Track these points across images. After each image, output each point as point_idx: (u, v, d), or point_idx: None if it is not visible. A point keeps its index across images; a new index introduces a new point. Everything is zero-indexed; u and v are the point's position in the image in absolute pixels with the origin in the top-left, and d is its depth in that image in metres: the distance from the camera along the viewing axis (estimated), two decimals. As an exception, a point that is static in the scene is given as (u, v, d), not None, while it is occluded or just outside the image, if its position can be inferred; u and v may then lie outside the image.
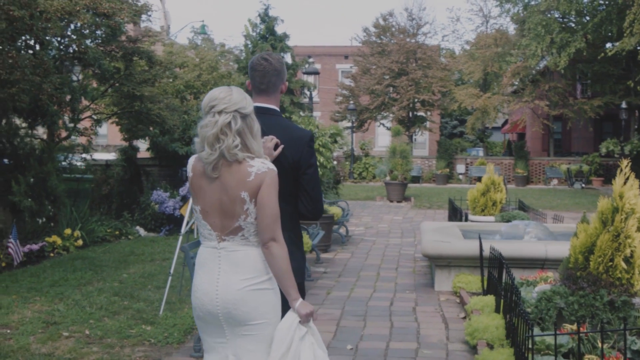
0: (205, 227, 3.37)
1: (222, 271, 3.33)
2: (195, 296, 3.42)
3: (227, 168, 3.26)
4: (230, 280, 3.30)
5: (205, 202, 3.34)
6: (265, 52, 4.36)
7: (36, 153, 11.43)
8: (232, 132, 3.22)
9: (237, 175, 3.25)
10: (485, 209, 13.16)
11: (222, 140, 3.21)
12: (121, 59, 13.46)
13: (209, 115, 3.26)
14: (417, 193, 26.43)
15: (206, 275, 3.37)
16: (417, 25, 39.52)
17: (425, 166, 36.26)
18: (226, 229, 3.31)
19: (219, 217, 3.32)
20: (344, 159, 37.19)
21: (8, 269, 9.79)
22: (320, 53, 53.69)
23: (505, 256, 8.59)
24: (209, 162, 3.25)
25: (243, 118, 3.26)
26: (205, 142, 3.24)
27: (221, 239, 3.33)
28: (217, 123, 3.21)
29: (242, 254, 3.33)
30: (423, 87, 37.13)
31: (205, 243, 3.41)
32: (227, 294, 3.30)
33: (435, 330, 7.07)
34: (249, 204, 3.26)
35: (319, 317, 7.54)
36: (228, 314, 3.32)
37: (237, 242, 3.32)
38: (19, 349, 6.15)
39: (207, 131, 3.24)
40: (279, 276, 3.31)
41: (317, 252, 11.32)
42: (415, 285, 9.47)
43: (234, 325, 3.34)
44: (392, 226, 16.90)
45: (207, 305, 3.36)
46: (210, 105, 3.26)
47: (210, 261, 3.37)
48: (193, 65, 19.47)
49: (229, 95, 3.27)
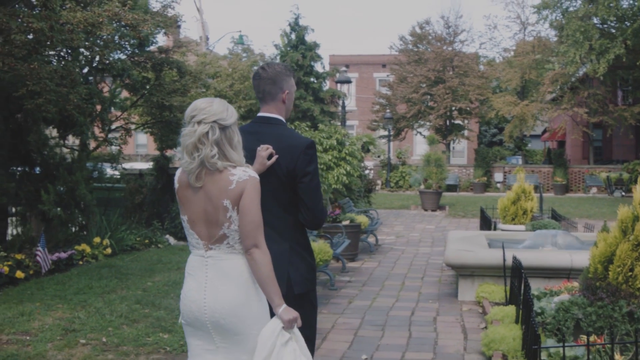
0: (193, 236, 3.45)
1: (209, 280, 3.39)
2: (184, 303, 3.48)
3: (210, 177, 3.34)
4: (217, 290, 3.36)
5: (191, 211, 3.43)
6: (268, 62, 4.41)
7: (66, 163, 11.59)
8: (209, 142, 3.30)
9: (219, 184, 3.33)
10: (516, 217, 12.98)
11: (200, 149, 3.29)
12: (151, 70, 13.61)
13: (190, 125, 3.33)
14: (452, 202, 26.21)
15: (195, 284, 3.43)
16: (453, 33, 39.27)
17: (462, 175, 35.94)
18: (212, 237, 3.38)
19: (204, 226, 3.39)
20: (380, 168, 37.09)
21: (36, 276, 9.93)
22: (358, 62, 53.78)
23: (529, 265, 8.49)
24: (190, 171, 3.33)
25: (222, 129, 3.33)
26: (185, 151, 3.33)
27: (208, 247, 3.41)
28: (196, 132, 3.29)
29: (228, 263, 3.39)
30: (460, 95, 36.86)
31: (194, 252, 3.48)
32: (215, 304, 3.35)
33: (454, 341, 6.97)
34: (231, 211, 3.32)
35: (337, 326, 7.54)
36: (216, 323, 3.36)
37: (223, 251, 3.39)
38: (36, 355, 6.23)
39: (187, 140, 3.32)
40: (262, 282, 3.35)
41: (343, 261, 11.27)
42: (439, 295, 9.36)
43: (223, 334, 3.38)
44: (424, 235, 16.76)
45: (195, 313, 3.42)
46: (191, 115, 3.35)
47: (198, 269, 3.44)
48: (225, 75, 19.61)
49: (209, 107, 3.34)
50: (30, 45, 7.87)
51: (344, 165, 12.27)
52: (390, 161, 35.77)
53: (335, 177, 12.21)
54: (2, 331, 6.97)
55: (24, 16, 7.42)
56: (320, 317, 8.00)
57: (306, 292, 3.80)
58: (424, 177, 24.07)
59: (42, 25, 7.42)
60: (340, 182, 12.39)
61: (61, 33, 7.95)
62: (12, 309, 7.82)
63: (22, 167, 11.51)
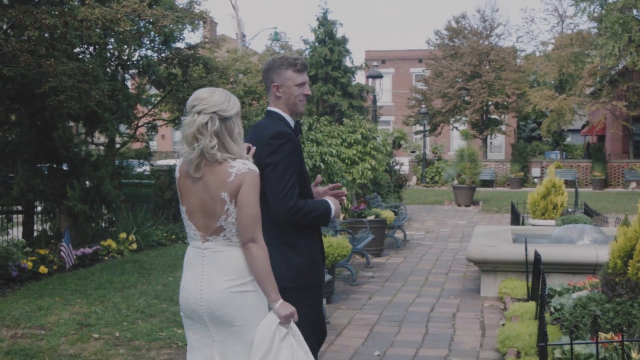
0: (191, 227, 3.41)
1: (205, 271, 3.36)
2: (182, 295, 3.46)
3: (209, 168, 3.29)
4: (213, 281, 3.32)
5: (189, 202, 3.39)
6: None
7: (91, 159, 11.67)
8: (208, 132, 3.25)
9: (217, 175, 3.27)
10: (546, 212, 12.70)
11: (199, 140, 3.24)
12: (178, 66, 13.64)
13: (190, 114, 3.29)
14: (486, 197, 25.86)
15: (192, 275, 3.41)
16: (490, 27, 38.73)
17: (499, 170, 35.49)
18: (209, 229, 3.33)
19: (202, 218, 3.35)
20: (416, 163, 36.83)
21: (60, 271, 10.01)
22: (395, 57, 53.49)
23: (553, 261, 8.31)
24: (190, 161, 3.29)
25: (222, 120, 3.27)
26: (185, 140, 3.29)
27: (205, 239, 3.37)
28: (195, 123, 3.24)
29: (224, 255, 3.34)
30: (496, 90, 36.37)
31: (192, 243, 3.44)
32: (210, 295, 3.32)
33: (471, 337, 6.83)
34: (229, 204, 3.28)
35: (353, 322, 7.44)
36: (212, 315, 3.34)
37: (219, 243, 3.34)
38: (48, 350, 6.24)
39: (186, 130, 3.29)
40: (259, 277, 3.31)
41: (367, 257, 11.15)
42: (461, 291, 9.20)
43: (220, 326, 3.35)
44: (454, 231, 16.55)
45: (192, 305, 3.40)
46: (191, 104, 3.30)
47: (195, 261, 3.41)
48: (256, 71, 19.60)
49: (210, 97, 3.28)
50: (47, 42, 7.91)
51: (369, 159, 12.14)
52: (425, 157, 35.48)
53: (360, 172, 12.09)
54: (18, 325, 7.01)
55: (37, 13, 7.45)
56: (338, 312, 7.92)
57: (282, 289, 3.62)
58: (458, 172, 23.79)
59: (56, 22, 7.44)
60: (365, 177, 12.26)
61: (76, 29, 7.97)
62: (31, 304, 7.87)
63: (49, 163, 11.62)
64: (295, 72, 3.86)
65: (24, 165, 10.85)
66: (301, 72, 3.88)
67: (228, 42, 43.28)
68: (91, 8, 8.56)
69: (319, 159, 8.51)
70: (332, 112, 16.12)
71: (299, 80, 3.86)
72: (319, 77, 16.35)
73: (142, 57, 12.04)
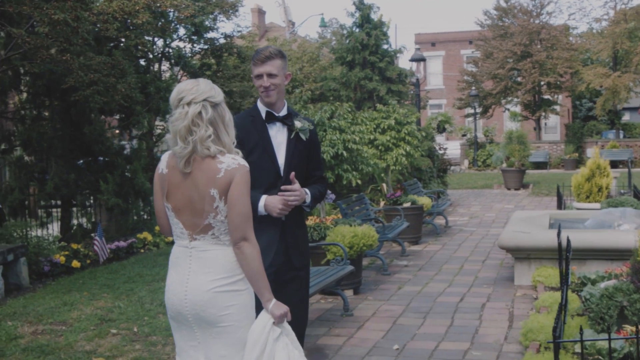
0: (178, 225, 3.30)
1: (192, 271, 3.25)
2: (167, 296, 3.37)
3: (198, 164, 3.19)
4: (199, 281, 3.22)
5: (176, 199, 3.27)
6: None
7: (125, 152, 11.71)
8: (204, 122, 3.15)
9: (206, 171, 3.17)
10: (590, 195, 12.24)
11: (194, 132, 3.15)
12: (211, 56, 13.59)
13: (179, 108, 3.17)
14: (537, 179, 25.25)
15: (177, 276, 3.31)
16: (540, 5, 37.69)
17: (553, 151, 34.65)
18: (197, 227, 3.22)
19: (190, 215, 3.24)
20: (467, 147, 36.26)
21: (94, 265, 10.08)
22: (444, 39, 52.68)
23: (588, 247, 7.97)
24: (183, 156, 3.15)
25: (214, 107, 3.18)
26: (178, 136, 3.16)
27: (192, 237, 3.26)
28: (188, 114, 3.13)
29: (212, 254, 3.24)
30: (548, 69, 35.42)
31: (178, 242, 3.35)
32: (195, 295, 3.22)
33: (496, 329, 6.57)
34: (218, 201, 3.17)
35: (378, 314, 7.25)
36: (197, 316, 3.24)
37: (207, 241, 3.24)
38: (65, 346, 6.24)
39: (179, 124, 3.15)
40: (251, 276, 3.22)
41: (402, 245, 10.92)
42: (495, 279, 8.90)
43: (204, 327, 3.26)
44: (499, 216, 16.14)
45: (177, 306, 3.30)
46: (178, 98, 3.20)
47: (181, 260, 3.30)
48: (295, 59, 19.46)
49: (196, 86, 3.20)
50: (63, 37, 7.90)
51: (403, 145, 11.87)
52: (477, 140, 34.86)
53: (394, 158, 11.83)
54: (40, 321, 7.05)
55: (47, 8, 7.43)
56: (364, 304, 7.75)
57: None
58: (506, 154, 23.25)
59: (65, 16, 7.41)
60: (400, 163, 12.00)
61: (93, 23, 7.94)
62: (57, 299, 7.92)
63: (84, 157, 11.70)
64: (254, 65, 3.96)
65: (58, 161, 10.95)
66: (259, 64, 3.93)
67: (276, 30, 43.29)
68: (108, 1, 8.53)
69: (341, 146, 8.31)
70: (371, 98, 15.84)
71: (256, 72, 3.95)
72: (357, 63, 16.07)
73: (173, 49, 11.98)
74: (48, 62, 8.28)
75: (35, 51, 7.82)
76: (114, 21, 8.56)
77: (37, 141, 10.88)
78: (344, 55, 16.18)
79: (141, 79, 10.76)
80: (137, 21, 8.92)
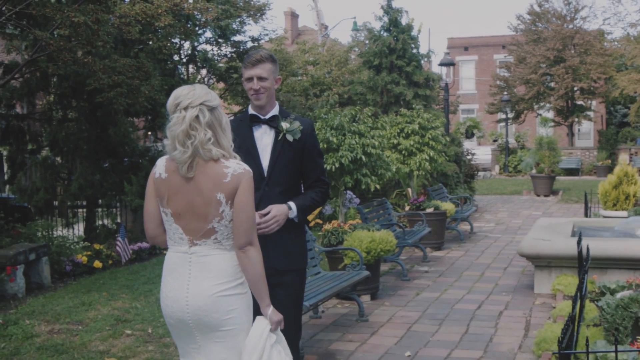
0: (177, 230, 3.27)
1: (192, 277, 3.24)
2: (165, 303, 3.34)
3: (202, 168, 3.18)
4: (201, 287, 3.22)
5: (177, 204, 3.24)
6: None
7: (149, 154, 11.81)
8: (202, 125, 3.15)
9: (212, 176, 3.16)
10: (617, 203, 12.07)
11: (193, 136, 3.12)
12: (238, 59, 13.65)
13: (176, 113, 3.18)
14: (568, 186, 24.94)
15: (176, 282, 3.28)
16: (574, 10, 37.25)
17: (586, 157, 34.22)
18: (198, 232, 3.21)
19: (191, 220, 3.22)
20: (499, 152, 35.96)
21: (115, 266, 10.17)
22: (478, 44, 52.31)
23: (611, 256, 7.85)
24: (183, 162, 3.15)
25: (211, 111, 3.18)
26: (176, 140, 3.15)
27: (193, 243, 3.24)
28: (185, 119, 3.13)
29: (213, 259, 3.23)
30: (581, 75, 34.97)
31: (175, 248, 3.31)
32: (197, 301, 3.22)
33: (511, 338, 6.48)
34: (224, 206, 3.17)
35: (393, 320, 7.21)
36: (199, 321, 3.24)
37: (209, 246, 3.23)
38: (79, 345, 6.30)
39: (176, 129, 3.15)
40: (254, 281, 3.25)
41: (424, 250, 10.85)
42: (515, 287, 8.80)
43: (205, 331, 3.26)
44: (526, 222, 15.95)
45: (177, 313, 3.29)
46: (175, 103, 3.21)
47: (180, 267, 3.27)
48: (324, 62, 19.46)
49: (192, 91, 3.19)
50: (85, 39, 8.00)
51: (427, 150, 11.79)
52: (508, 145, 34.55)
53: (418, 163, 11.76)
54: (58, 320, 7.12)
55: (67, 10, 7.53)
56: (380, 309, 7.71)
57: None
58: (536, 160, 23.00)
59: (85, 19, 7.50)
60: (423, 168, 11.92)
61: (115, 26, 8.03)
62: (76, 299, 8.01)
63: (109, 159, 11.82)
64: (245, 68, 3.97)
65: (83, 161, 11.08)
66: (250, 67, 3.94)
67: (309, 34, 43.38)
68: (131, 4, 8.61)
69: (360, 151, 8.27)
70: (397, 102, 15.76)
71: (246, 75, 3.96)
72: (384, 67, 16.00)
73: (199, 52, 12.06)
74: (71, 64, 8.40)
75: (57, 53, 7.93)
76: (137, 24, 8.65)
77: (63, 142, 11.01)
78: (371, 59, 16.12)
79: (167, 82, 10.83)
80: (160, 24, 9.02)
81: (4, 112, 11.50)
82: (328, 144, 8.46)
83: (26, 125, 11.84)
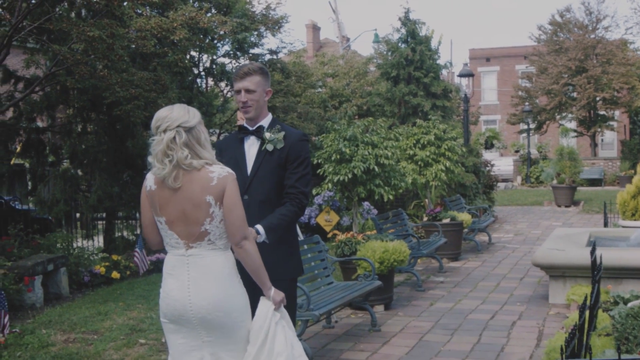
0: (172, 236, 3.54)
1: (191, 278, 3.50)
2: (166, 302, 3.57)
3: (188, 177, 3.45)
4: (202, 287, 3.48)
5: (169, 213, 3.51)
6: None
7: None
8: (178, 145, 3.41)
9: (199, 182, 3.43)
10: (636, 212, 11.98)
11: (170, 155, 3.39)
12: (255, 72, 13.75)
13: (157, 135, 3.47)
14: (589, 197, 24.76)
15: (176, 283, 3.53)
16: (596, 20, 37.05)
17: (609, 168, 33.94)
18: (192, 235, 3.48)
19: (184, 226, 3.49)
20: (520, 163, 35.80)
21: (133, 277, 10.28)
22: (499, 55, 52.23)
23: (624, 266, 7.82)
24: (165, 176, 3.43)
25: (188, 131, 3.44)
26: (155, 158, 3.44)
27: (188, 246, 3.52)
28: (163, 140, 3.41)
29: (210, 260, 3.49)
30: (604, 85, 34.71)
31: (172, 252, 3.58)
32: (201, 300, 3.47)
33: (523, 348, 6.48)
34: (214, 207, 3.43)
35: (405, 330, 7.23)
36: (203, 319, 3.49)
37: (204, 248, 3.49)
38: (94, 354, 6.39)
39: (156, 148, 3.46)
40: (254, 270, 3.53)
41: (440, 261, 10.84)
42: (530, 297, 8.77)
43: (210, 329, 3.51)
44: (545, 233, 15.83)
45: (180, 311, 3.51)
46: (156, 126, 3.47)
47: (179, 268, 3.54)
48: (343, 74, 19.54)
49: (170, 114, 3.46)
50: (101, 53, 8.15)
51: (443, 161, 11.81)
52: (530, 156, 34.38)
53: (434, 174, 11.78)
54: (74, 330, 7.22)
55: (82, 25, 7.68)
56: (394, 319, 7.73)
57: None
58: (557, 171, 22.88)
59: (100, 33, 7.64)
60: (439, 179, 11.93)
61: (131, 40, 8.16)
62: (93, 309, 8.11)
63: (128, 171, 11.97)
64: (234, 80, 4.11)
65: (102, 174, 11.22)
66: (238, 80, 4.06)
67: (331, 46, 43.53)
68: (147, 18, 8.76)
69: (373, 162, 8.31)
70: (415, 113, 15.79)
71: (235, 88, 4.09)
72: (401, 78, 16.05)
73: (217, 65, 12.18)
74: (88, 78, 8.55)
75: (75, 67, 8.08)
76: (152, 38, 8.79)
77: (82, 154, 11.17)
78: (388, 71, 16.18)
79: (184, 94, 10.96)
80: (175, 38, 9.15)
81: (25, 125, 11.70)
82: (341, 155, 8.53)
83: (47, 138, 12.05)
